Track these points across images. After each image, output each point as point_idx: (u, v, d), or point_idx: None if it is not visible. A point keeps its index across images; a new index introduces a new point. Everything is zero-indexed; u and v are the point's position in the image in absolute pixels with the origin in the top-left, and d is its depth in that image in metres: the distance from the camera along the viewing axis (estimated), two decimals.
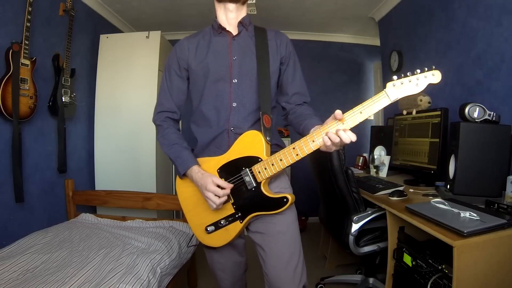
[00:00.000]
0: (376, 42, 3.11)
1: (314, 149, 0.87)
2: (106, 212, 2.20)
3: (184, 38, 1.11)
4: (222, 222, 1.04)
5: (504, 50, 1.55)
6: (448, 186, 1.46)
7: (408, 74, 0.79)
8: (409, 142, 1.98)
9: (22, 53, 1.69)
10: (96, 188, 2.45)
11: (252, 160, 0.97)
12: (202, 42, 1.08)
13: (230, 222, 1.03)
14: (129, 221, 1.97)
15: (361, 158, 2.59)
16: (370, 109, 0.81)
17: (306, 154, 0.89)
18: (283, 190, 1.06)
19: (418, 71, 0.78)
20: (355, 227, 1.55)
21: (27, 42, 1.71)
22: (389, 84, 0.80)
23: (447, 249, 1.03)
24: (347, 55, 3.66)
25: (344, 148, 1.51)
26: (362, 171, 2.43)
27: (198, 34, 1.11)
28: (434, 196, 1.49)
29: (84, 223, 1.90)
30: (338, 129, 0.82)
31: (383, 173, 2.14)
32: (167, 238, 1.66)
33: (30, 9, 1.72)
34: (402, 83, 0.79)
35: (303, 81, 1.14)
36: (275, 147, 1.06)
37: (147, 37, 2.47)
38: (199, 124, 1.09)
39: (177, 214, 2.86)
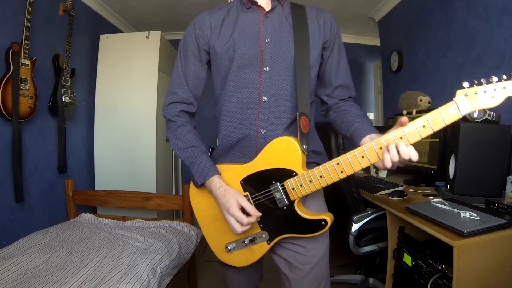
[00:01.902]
0: (376, 42, 3.11)
1: (363, 166, 0.73)
2: (106, 212, 2.19)
3: (206, 12, 0.91)
4: (245, 242, 0.88)
5: (504, 50, 1.55)
6: (448, 186, 1.46)
7: (482, 81, 0.63)
8: None
9: (22, 53, 1.69)
10: (96, 188, 2.45)
11: (284, 174, 0.81)
12: (227, 18, 0.88)
13: (255, 242, 0.87)
14: (129, 221, 1.97)
15: None
16: (436, 124, 0.65)
17: (353, 172, 0.74)
18: (319, 209, 0.92)
19: (495, 78, 0.62)
20: (355, 227, 1.55)
21: (27, 42, 1.71)
22: (460, 93, 0.64)
23: (447, 249, 1.03)
24: (347, 55, 3.65)
25: (344, 148, 1.50)
26: (362, 171, 2.43)
27: (223, 8, 0.91)
28: (434, 196, 1.49)
29: (84, 223, 1.90)
30: (397, 143, 0.67)
31: (383, 173, 2.14)
32: (167, 238, 1.66)
33: (30, 9, 1.72)
34: (476, 93, 0.63)
35: (349, 71, 0.95)
36: (312, 155, 0.91)
37: (147, 37, 2.47)
38: (221, 121, 0.90)
39: (177, 214, 2.86)
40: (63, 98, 2.07)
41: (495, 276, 1.05)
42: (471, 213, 1.10)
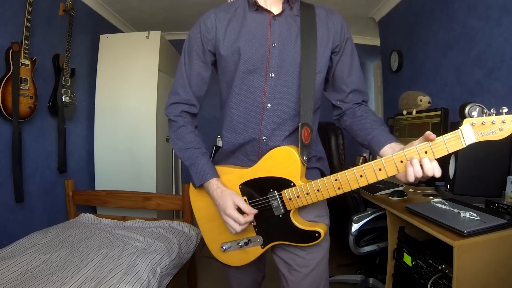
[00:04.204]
0: (376, 42, 3.11)
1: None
2: (106, 212, 2.19)
3: (212, 10, 0.88)
4: (240, 244, 0.89)
5: (504, 50, 1.55)
6: (448, 186, 1.46)
7: (492, 111, 0.62)
8: (409, 142, 1.98)
9: (22, 53, 1.69)
10: (96, 188, 2.45)
11: (283, 183, 0.81)
12: (234, 18, 0.85)
13: (249, 245, 0.89)
14: (129, 221, 1.97)
15: (361, 158, 2.59)
16: (439, 151, 0.66)
17: (351, 189, 0.74)
18: (318, 219, 0.89)
19: (505, 109, 0.61)
20: (355, 227, 1.55)
21: (27, 42, 1.71)
22: (466, 122, 0.64)
23: (447, 249, 1.03)
24: None
25: (344, 148, 1.50)
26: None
27: (230, 8, 0.87)
28: (434, 196, 1.49)
29: (84, 223, 1.90)
30: (421, 158, 0.66)
31: None
32: (167, 238, 1.66)
33: (30, 9, 1.72)
34: (483, 124, 0.63)
35: (362, 75, 0.92)
36: (314, 160, 0.91)
37: (147, 37, 2.47)
38: (224, 125, 0.90)
39: (177, 214, 2.86)
40: (63, 98, 2.07)
41: (495, 276, 1.05)
42: (471, 213, 1.10)
